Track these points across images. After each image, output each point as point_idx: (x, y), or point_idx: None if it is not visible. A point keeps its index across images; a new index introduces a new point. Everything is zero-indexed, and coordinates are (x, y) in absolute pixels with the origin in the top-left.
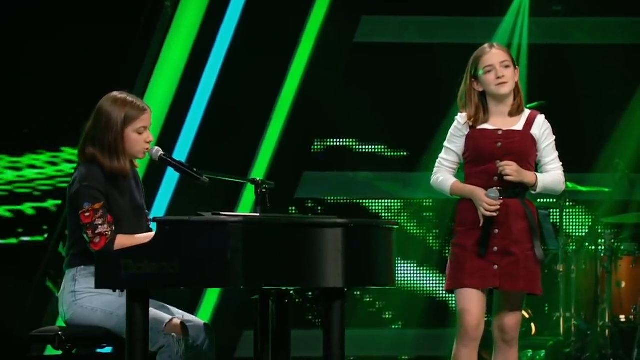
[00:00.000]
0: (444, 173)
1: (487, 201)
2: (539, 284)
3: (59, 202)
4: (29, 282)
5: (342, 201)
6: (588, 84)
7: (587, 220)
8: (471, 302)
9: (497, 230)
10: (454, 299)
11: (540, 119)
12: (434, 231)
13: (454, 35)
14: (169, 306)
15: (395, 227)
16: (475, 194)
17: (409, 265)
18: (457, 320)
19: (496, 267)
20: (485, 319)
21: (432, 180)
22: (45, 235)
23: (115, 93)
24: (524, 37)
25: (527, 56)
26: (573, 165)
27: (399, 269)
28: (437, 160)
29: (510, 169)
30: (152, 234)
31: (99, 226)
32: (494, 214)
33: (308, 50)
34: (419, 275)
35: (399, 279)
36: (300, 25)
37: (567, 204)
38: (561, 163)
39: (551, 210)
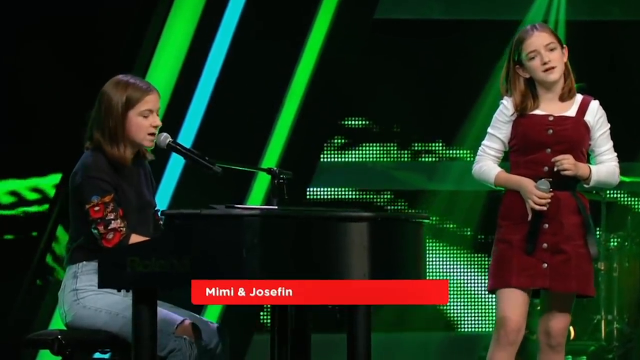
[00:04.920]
0: (488, 162)
1: (537, 193)
2: (592, 284)
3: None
4: (19, 282)
5: (360, 192)
6: (632, 64)
7: (631, 213)
8: (514, 304)
9: (546, 225)
10: (485, 299)
11: (595, 104)
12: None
13: (483, 11)
14: (177, 307)
15: (426, 220)
16: (523, 185)
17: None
18: (496, 321)
19: (545, 265)
20: None
21: (473, 170)
22: (35, 233)
23: (119, 76)
24: (561, 13)
25: (564, 34)
26: (616, 153)
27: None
28: (480, 148)
29: (568, 163)
30: None
31: (112, 221)
32: (544, 208)
33: (324, 27)
34: (448, 272)
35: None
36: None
37: (610, 195)
38: (616, 154)
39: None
